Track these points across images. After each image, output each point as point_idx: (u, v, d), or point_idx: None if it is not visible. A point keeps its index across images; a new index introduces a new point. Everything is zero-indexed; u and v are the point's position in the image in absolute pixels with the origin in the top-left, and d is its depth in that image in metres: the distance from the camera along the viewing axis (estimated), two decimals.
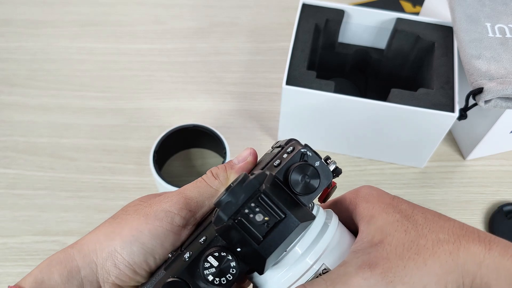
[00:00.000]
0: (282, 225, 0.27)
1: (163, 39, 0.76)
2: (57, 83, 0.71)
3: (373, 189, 0.33)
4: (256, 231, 0.27)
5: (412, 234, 0.29)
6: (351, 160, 0.65)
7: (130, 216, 0.32)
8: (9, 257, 0.57)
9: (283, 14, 0.79)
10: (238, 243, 0.27)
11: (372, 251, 0.28)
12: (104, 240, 0.31)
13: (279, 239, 0.27)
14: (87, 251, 0.31)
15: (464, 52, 0.55)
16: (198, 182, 0.33)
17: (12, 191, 0.61)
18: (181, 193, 0.33)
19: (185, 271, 0.29)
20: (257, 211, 0.27)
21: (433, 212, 0.31)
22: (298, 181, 0.28)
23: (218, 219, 0.27)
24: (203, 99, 0.70)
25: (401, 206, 0.31)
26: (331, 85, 0.56)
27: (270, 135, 0.67)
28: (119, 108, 0.68)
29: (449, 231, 0.29)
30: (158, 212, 0.31)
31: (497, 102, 0.52)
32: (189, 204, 0.32)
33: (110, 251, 0.30)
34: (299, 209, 0.28)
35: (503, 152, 0.65)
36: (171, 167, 0.63)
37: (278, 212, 0.27)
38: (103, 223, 0.33)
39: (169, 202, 0.32)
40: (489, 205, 0.61)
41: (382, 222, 0.30)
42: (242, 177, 0.27)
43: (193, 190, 0.33)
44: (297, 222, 0.27)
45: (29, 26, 0.77)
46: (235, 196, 0.27)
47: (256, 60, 0.74)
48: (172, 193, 0.33)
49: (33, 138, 0.66)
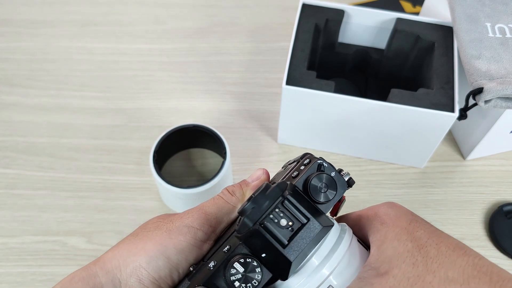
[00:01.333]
0: (306, 229, 0.28)
1: (163, 39, 0.76)
2: (57, 83, 0.71)
3: (392, 209, 0.32)
4: (281, 235, 0.28)
5: (420, 268, 0.27)
6: (351, 160, 0.65)
7: (151, 232, 0.32)
8: (9, 257, 0.57)
9: (283, 14, 0.79)
10: (263, 248, 0.28)
11: (375, 282, 0.28)
12: (128, 256, 0.31)
13: (303, 242, 0.28)
14: (110, 267, 0.30)
15: (464, 52, 0.55)
16: (215, 199, 0.34)
17: (12, 191, 0.61)
18: (201, 210, 0.34)
19: (211, 279, 0.29)
20: (281, 216, 0.28)
21: (450, 243, 0.29)
22: (317, 189, 0.30)
23: (243, 225, 0.28)
24: (203, 99, 0.70)
25: (416, 232, 0.29)
26: (331, 85, 0.56)
27: (270, 135, 0.67)
28: (119, 108, 0.68)
29: (460, 269, 0.27)
30: (181, 228, 0.32)
31: (497, 102, 0.52)
32: (209, 220, 0.33)
33: (134, 266, 0.30)
34: (319, 215, 0.29)
35: (503, 152, 0.65)
36: (171, 167, 0.63)
37: (301, 217, 0.28)
38: (123, 240, 0.33)
39: (191, 218, 0.33)
40: (489, 205, 0.61)
41: (392, 251, 0.29)
42: (264, 186, 0.29)
43: (212, 207, 0.34)
44: (319, 225, 0.28)
45: (29, 26, 0.77)
46: (259, 203, 0.28)
47: (256, 60, 0.74)
48: (192, 210, 0.34)
49: (33, 138, 0.66)
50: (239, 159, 0.64)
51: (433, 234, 0.29)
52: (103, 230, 0.59)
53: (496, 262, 0.60)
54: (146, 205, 0.61)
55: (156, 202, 0.61)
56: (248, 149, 0.65)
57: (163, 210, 0.60)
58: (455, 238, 0.29)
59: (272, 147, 0.65)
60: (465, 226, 0.60)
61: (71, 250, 0.57)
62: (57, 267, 0.56)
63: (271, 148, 0.65)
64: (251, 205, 0.28)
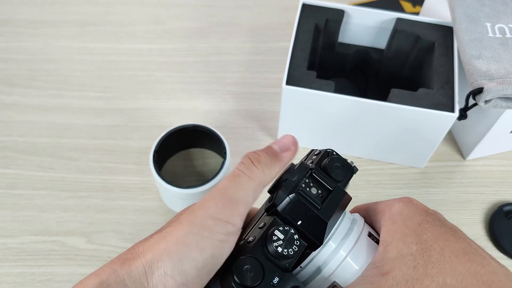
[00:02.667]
0: (333, 195, 0.32)
1: (163, 39, 0.76)
2: (57, 83, 0.71)
3: (405, 207, 0.32)
4: (313, 201, 0.31)
5: (420, 272, 0.28)
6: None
7: (173, 227, 0.29)
8: (9, 257, 0.57)
9: (283, 14, 0.79)
10: (300, 214, 0.31)
11: (375, 282, 0.28)
12: (152, 261, 0.28)
13: (333, 206, 0.32)
14: (137, 275, 0.27)
15: (464, 52, 0.55)
16: (237, 177, 0.30)
17: (11, 191, 0.61)
18: (226, 195, 0.30)
19: (253, 250, 0.30)
20: (311, 186, 0.32)
21: (455, 248, 0.28)
22: (333, 168, 0.33)
23: (279, 197, 0.31)
24: (203, 99, 0.70)
25: (424, 235, 0.29)
26: (331, 85, 0.56)
27: (270, 135, 0.67)
28: (119, 108, 0.68)
29: (459, 276, 0.27)
30: (204, 220, 0.28)
31: (497, 102, 0.52)
32: (237, 209, 0.29)
33: (160, 275, 0.27)
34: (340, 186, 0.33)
35: (503, 152, 0.65)
36: (171, 167, 0.63)
37: (327, 186, 0.32)
38: (151, 236, 0.30)
39: (214, 208, 0.29)
40: (489, 205, 0.61)
41: (396, 253, 0.29)
42: (289, 167, 0.33)
43: (237, 190, 0.30)
44: (344, 192, 0.33)
45: (29, 26, 0.77)
46: (291, 176, 0.32)
47: (256, 60, 0.74)
48: (214, 195, 0.30)
49: (33, 138, 0.66)
50: (239, 159, 0.64)
51: (441, 237, 0.29)
52: (103, 230, 0.59)
53: None
54: (146, 205, 0.61)
55: (156, 202, 0.61)
56: (248, 149, 0.65)
57: (163, 210, 0.60)
58: (468, 240, 0.29)
59: None
60: (465, 226, 0.60)
61: (70, 250, 0.57)
62: (56, 267, 0.56)
63: None
64: (283, 178, 0.32)
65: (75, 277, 0.55)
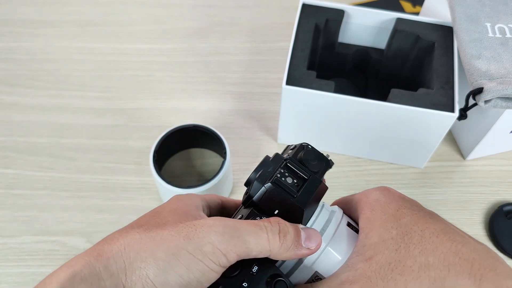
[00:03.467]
0: (309, 184, 0.32)
1: (163, 39, 0.76)
2: (57, 83, 0.71)
3: (382, 194, 0.32)
4: (289, 190, 0.31)
5: (402, 253, 0.28)
6: (351, 160, 0.65)
7: (167, 231, 0.28)
8: (9, 257, 0.57)
9: (283, 14, 0.79)
10: (275, 203, 0.31)
11: (359, 268, 0.29)
12: (135, 258, 0.27)
13: (309, 194, 0.32)
14: (115, 269, 0.26)
15: (464, 52, 0.55)
16: (258, 227, 0.29)
17: (11, 191, 0.61)
18: (237, 231, 0.28)
19: None
20: (287, 175, 0.32)
21: (435, 228, 0.29)
22: (308, 160, 0.33)
23: (255, 187, 0.31)
24: (203, 99, 0.70)
25: (403, 219, 0.30)
26: (331, 85, 0.56)
27: (270, 135, 0.67)
28: (119, 108, 0.68)
29: (441, 255, 0.27)
30: (203, 244, 0.27)
31: (497, 102, 0.52)
32: (240, 248, 0.28)
33: (141, 275, 0.26)
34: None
35: (503, 152, 0.65)
36: (171, 167, 0.63)
37: (303, 175, 0.32)
38: (131, 232, 0.28)
39: (220, 236, 0.28)
40: (489, 205, 0.61)
41: (377, 239, 0.30)
42: (264, 158, 0.33)
43: (250, 235, 0.29)
44: (319, 180, 0.32)
45: (29, 26, 0.77)
46: (266, 167, 0.32)
47: (256, 60, 0.74)
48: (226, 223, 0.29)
49: (33, 138, 0.66)
50: (239, 159, 0.64)
51: (420, 221, 0.30)
52: (103, 230, 0.59)
53: None
54: (146, 205, 0.60)
55: (156, 202, 0.61)
56: (248, 149, 0.65)
57: None
58: (446, 223, 0.30)
59: (272, 147, 0.65)
60: (465, 226, 0.60)
61: (70, 250, 0.57)
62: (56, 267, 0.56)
63: (271, 148, 0.65)
64: (259, 169, 0.32)
65: None
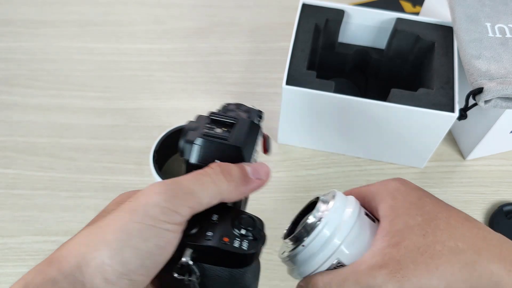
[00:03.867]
0: (238, 125, 0.32)
1: (163, 39, 0.76)
2: (57, 83, 0.71)
3: (401, 184, 0.33)
4: (220, 137, 0.31)
5: (430, 238, 0.29)
6: (351, 160, 0.64)
7: (111, 215, 0.27)
8: (9, 257, 0.57)
9: (283, 14, 0.79)
10: (212, 154, 0.31)
11: (387, 253, 0.29)
12: (87, 251, 0.25)
13: (241, 133, 0.32)
14: (69, 268, 0.25)
15: (464, 52, 0.55)
16: (200, 175, 0.28)
17: (11, 191, 0.61)
18: (180, 185, 0.27)
19: None
20: (215, 127, 0.32)
21: (458, 216, 0.30)
22: (233, 109, 0.34)
23: (186, 148, 0.31)
24: (203, 99, 0.70)
25: (426, 207, 0.31)
26: (331, 85, 0.56)
27: (270, 135, 0.66)
28: (119, 108, 0.68)
29: (469, 241, 0.28)
30: (149, 209, 0.26)
31: (497, 102, 0.52)
32: (189, 200, 0.27)
33: (97, 264, 0.25)
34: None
35: (503, 152, 0.65)
36: (171, 167, 0.63)
37: (230, 121, 0.32)
38: (81, 232, 0.27)
39: (164, 195, 0.26)
40: (489, 205, 0.61)
41: (403, 225, 0.30)
42: (187, 123, 0.33)
43: (195, 184, 0.28)
44: (248, 120, 0.33)
45: (29, 26, 0.77)
46: (191, 128, 0.32)
47: (256, 60, 0.74)
48: (167, 183, 0.27)
49: (33, 138, 0.66)
50: None
51: (442, 208, 0.31)
52: None
53: None
54: None
55: None
56: None
57: None
58: (465, 213, 0.31)
59: (272, 147, 0.65)
60: None
61: None
62: None
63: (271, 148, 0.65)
64: (188, 127, 0.32)
65: None
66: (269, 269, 0.56)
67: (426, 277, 0.28)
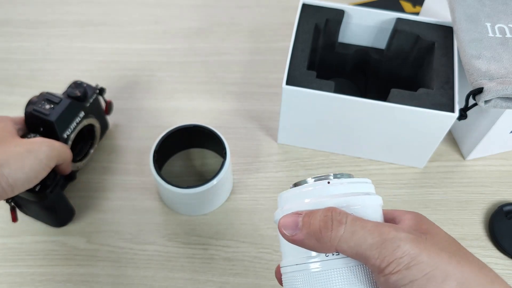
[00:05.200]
0: (60, 104, 0.52)
1: (163, 39, 0.76)
2: (57, 83, 0.71)
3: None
4: (44, 110, 0.51)
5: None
6: (351, 160, 0.65)
7: (12, 146, 0.47)
8: (8, 257, 0.57)
9: (283, 14, 0.79)
10: (37, 124, 0.52)
11: (419, 241, 0.29)
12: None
13: (59, 110, 0.52)
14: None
15: (464, 52, 0.55)
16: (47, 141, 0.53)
17: None
18: (54, 143, 0.51)
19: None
20: (45, 103, 0.52)
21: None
22: (72, 90, 0.55)
23: (26, 115, 0.52)
24: (203, 99, 0.70)
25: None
26: (331, 85, 0.56)
27: (270, 135, 0.67)
28: (119, 108, 0.68)
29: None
30: (41, 153, 0.48)
31: (497, 102, 0.52)
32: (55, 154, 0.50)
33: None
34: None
35: (503, 152, 0.65)
36: (171, 167, 0.63)
37: (54, 101, 0.52)
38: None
39: (48, 147, 0.49)
40: (489, 205, 0.61)
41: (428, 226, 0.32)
42: (30, 99, 0.54)
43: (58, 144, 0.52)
44: (67, 100, 0.53)
45: (29, 26, 0.77)
46: (33, 101, 0.53)
47: (256, 60, 0.74)
48: (45, 139, 0.50)
49: None
50: (239, 159, 0.64)
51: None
52: (103, 230, 0.59)
53: (496, 262, 0.59)
54: (146, 205, 0.61)
55: (156, 202, 0.61)
56: (248, 149, 0.65)
57: (163, 210, 0.60)
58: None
59: (272, 147, 0.65)
60: (465, 226, 0.60)
61: (70, 250, 0.57)
62: (56, 267, 0.56)
63: (271, 148, 0.65)
64: (27, 103, 0.53)
65: (75, 277, 0.55)
66: (269, 269, 0.56)
67: (466, 253, 0.30)
